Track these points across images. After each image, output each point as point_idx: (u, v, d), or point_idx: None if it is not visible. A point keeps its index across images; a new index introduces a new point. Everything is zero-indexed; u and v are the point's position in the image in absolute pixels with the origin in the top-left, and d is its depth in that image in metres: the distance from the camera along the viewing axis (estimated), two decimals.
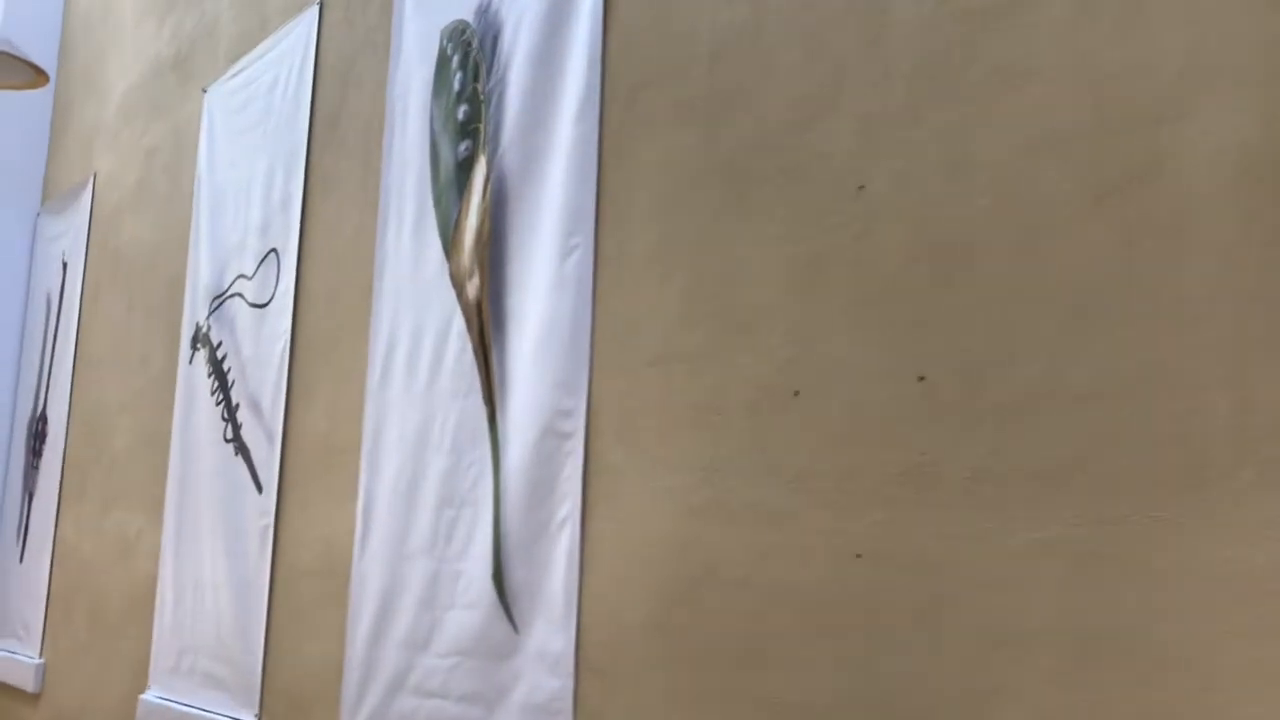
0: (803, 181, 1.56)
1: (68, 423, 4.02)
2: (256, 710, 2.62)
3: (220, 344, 3.04)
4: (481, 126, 2.20)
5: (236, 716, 2.69)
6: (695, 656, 1.61)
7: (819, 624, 1.45)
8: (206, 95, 3.34)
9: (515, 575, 1.95)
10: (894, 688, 1.37)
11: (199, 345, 3.16)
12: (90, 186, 4.15)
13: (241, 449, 2.85)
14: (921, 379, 1.38)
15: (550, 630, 1.86)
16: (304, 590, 2.53)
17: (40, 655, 3.95)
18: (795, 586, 1.49)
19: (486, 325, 2.11)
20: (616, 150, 1.89)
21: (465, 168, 2.23)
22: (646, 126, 1.84)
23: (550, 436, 1.92)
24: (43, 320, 4.42)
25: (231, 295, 3.02)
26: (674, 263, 1.75)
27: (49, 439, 4.17)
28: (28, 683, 3.97)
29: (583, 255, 1.92)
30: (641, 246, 1.82)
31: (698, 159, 1.73)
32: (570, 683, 1.80)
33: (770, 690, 1.50)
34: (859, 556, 1.41)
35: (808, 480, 1.49)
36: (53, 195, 4.58)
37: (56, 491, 4.02)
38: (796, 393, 1.52)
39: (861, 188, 1.48)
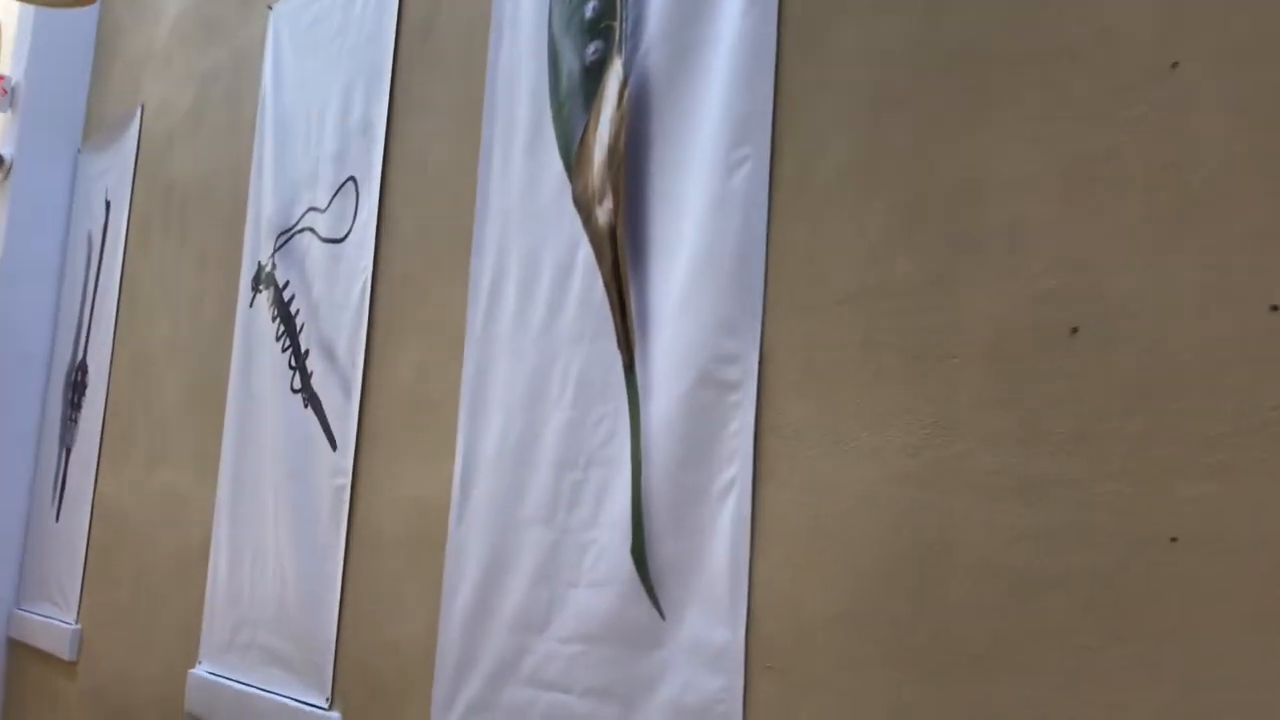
0: (1084, 62, 1.23)
1: (110, 372, 3.73)
2: (328, 694, 2.32)
3: (287, 284, 2.73)
4: (616, 24, 1.87)
5: (303, 700, 2.39)
6: (914, 659, 1.30)
7: (1107, 624, 1.13)
8: (272, 12, 3.02)
9: (662, 550, 1.64)
10: (1221, 708, 1.05)
11: (261, 286, 2.85)
12: (138, 118, 3.84)
13: (312, 400, 2.55)
14: (1276, 308, 1.05)
15: (709, 618, 1.55)
16: (386, 560, 2.23)
17: (77, 621, 3.68)
18: (1071, 576, 1.17)
19: (622, 256, 1.79)
20: (801, 40, 1.56)
21: (594, 73, 1.90)
22: (843, 7, 1.51)
23: (708, 386, 1.60)
24: (84, 263, 4.13)
25: (300, 230, 2.71)
26: (880, 176, 1.42)
27: (89, 390, 3.88)
28: (63, 649, 3.70)
29: (754, 170, 1.59)
30: (833, 158, 1.49)
31: (918, 43, 1.40)
32: (737, 681, 1.49)
33: (1030, 709, 1.19)
34: (1174, 541, 1.09)
35: (1090, 443, 1.17)
36: (95, 131, 4.27)
37: (97, 446, 3.74)
38: (1074, 330, 1.19)
39: (1175, 65, 1.15)
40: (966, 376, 1.30)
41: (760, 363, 1.54)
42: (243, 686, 2.61)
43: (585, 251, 1.87)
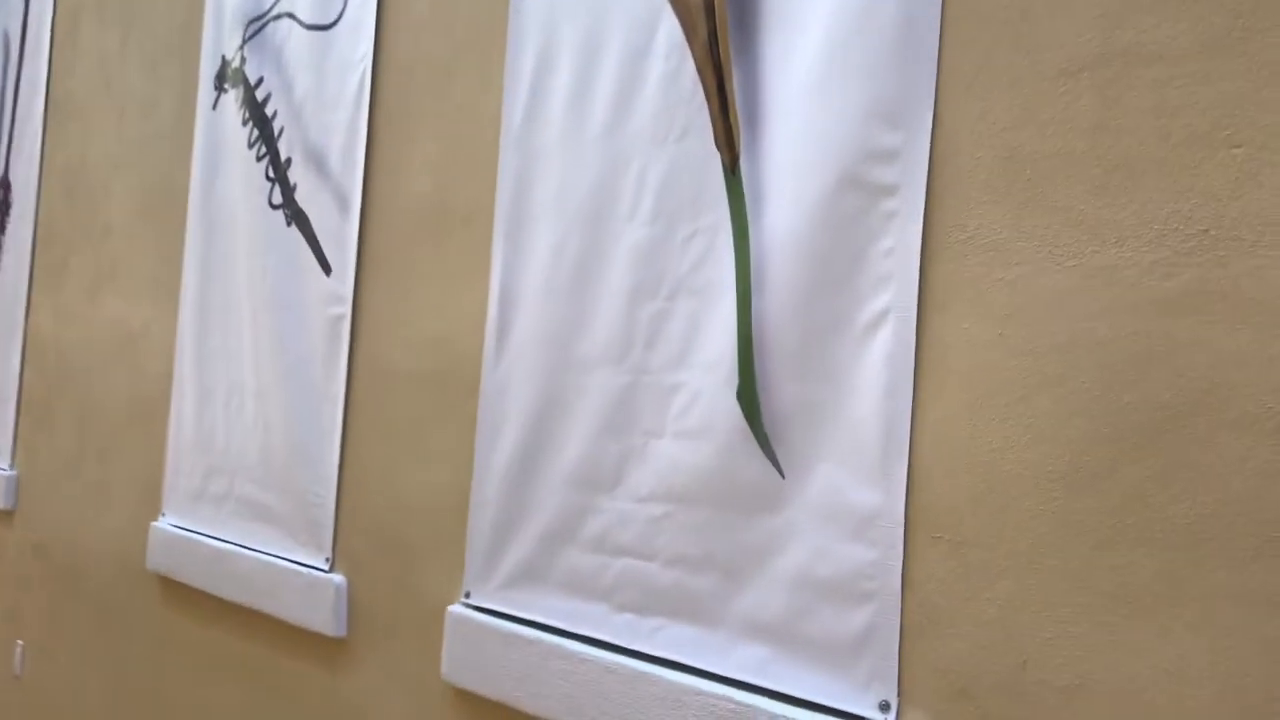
0: None
1: (39, 188, 3.27)
2: (328, 554, 2.02)
3: (260, 82, 2.31)
4: None
5: (296, 560, 2.09)
6: (1152, 538, 1.02)
7: None
8: None
9: (782, 395, 1.33)
10: None
11: (227, 85, 2.42)
12: None
13: (297, 218, 2.16)
14: None
15: (852, 476, 1.25)
16: (401, 402, 1.90)
17: (12, 467, 3.31)
18: None
19: (722, 28, 1.43)
20: None
21: None
22: None
23: (852, 191, 1.27)
24: (0, 66, 3.60)
25: (276, 16, 2.28)
26: None
27: (14, 209, 3.42)
28: None
29: None
30: None
31: None
32: (894, 555, 1.21)
33: None
34: None
35: None
36: None
37: (27, 273, 3.30)
38: None
39: None
40: (1257, 169, 0.98)
41: (931, 159, 1.21)
42: (218, 543, 2.29)
43: (669, 27, 1.50)
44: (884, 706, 1.21)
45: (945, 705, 1.15)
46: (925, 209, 1.21)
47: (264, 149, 2.28)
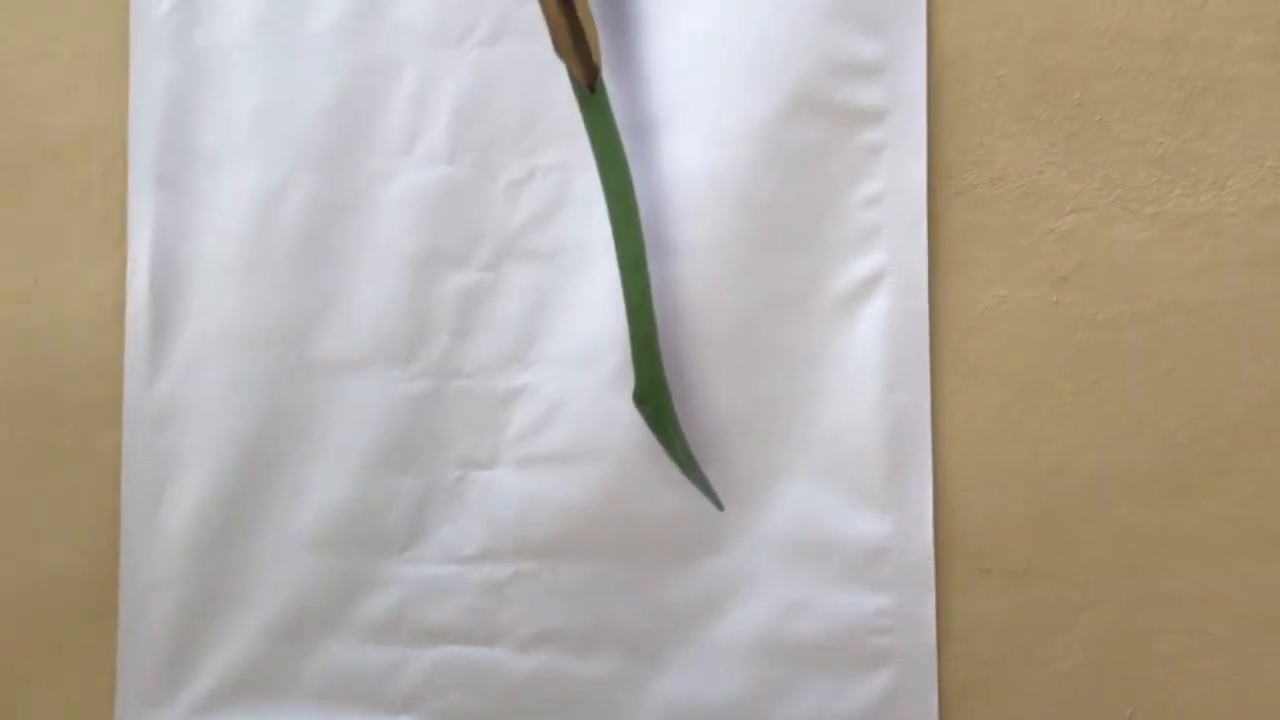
0: None
1: None
2: None
3: None
4: None
5: None
6: None
7: None
8: None
9: (711, 393, 0.96)
10: None
11: None
12: None
13: None
14: None
15: (839, 497, 0.93)
16: None
17: None
18: None
19: None
20: None
21: None
22: None
23: (813, 116, 0.93)
24: None
25: None
26: None
27: None
28: None
29: None
30: None
31: None
32: (921, 598, 0.91)
33: None
34: None
35: None
36: None
37: None
38: None
39: None
40: None
41: (930, 76, 0.92)
42: None
43: None
44: None
45: None
46: (929, 139, 0.92)
47: None
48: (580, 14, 0.97)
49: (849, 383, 0.93)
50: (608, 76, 0.97)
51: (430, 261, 1.03)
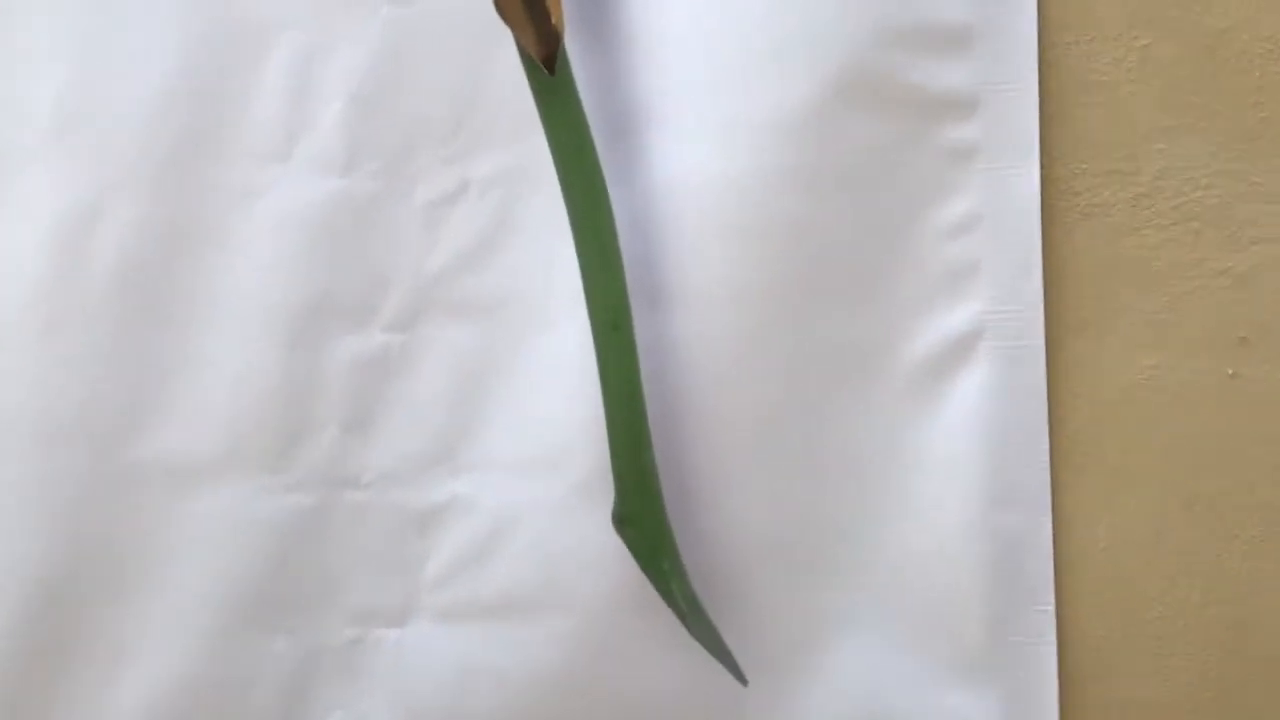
0: None
1: None
2: None
3: None
4: None
5: None
6: None
7: None
8: None
9: (729, 512, 0.66)
10: None
11: None
12: None
13: None
14: None
15: (923, 656, 0.64)
16: None
17: None
18: None
19: None
20: None
21: None
22: None
23: (875, 106, 0.64)
24: None
25: None
26: None
27: None
28: None
29: None
30: None
31: None
32: None
33: None
34: None
35: None
36: None
37: None
38: None
39: None
40: None
41: (1041, 46, 0.64)
42: None
43: None
44: None
45: None
46: (1042, 139, 0.64)
47: None
48: None
49: (933, 495, 0.64)
50: (574, 50, 0.66)
51: (314, 318, 0.71)
